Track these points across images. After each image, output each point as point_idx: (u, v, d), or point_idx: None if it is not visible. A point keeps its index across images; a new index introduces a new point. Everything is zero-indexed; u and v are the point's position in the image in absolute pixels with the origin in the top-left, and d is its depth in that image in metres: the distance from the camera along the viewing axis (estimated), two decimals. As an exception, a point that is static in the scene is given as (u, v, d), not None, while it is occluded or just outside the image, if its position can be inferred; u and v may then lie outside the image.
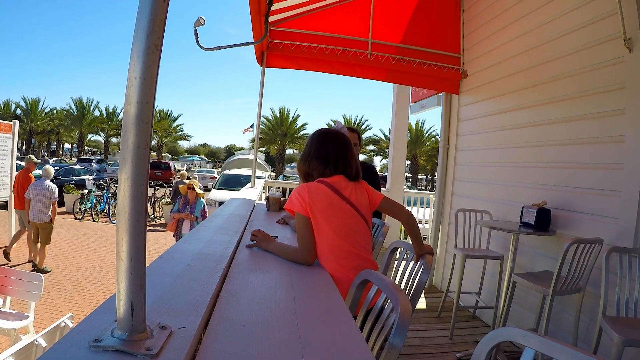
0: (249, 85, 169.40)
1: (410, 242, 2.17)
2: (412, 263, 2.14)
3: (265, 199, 3.91)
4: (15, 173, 8.97)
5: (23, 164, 8.65)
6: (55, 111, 57.23)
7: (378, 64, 5.25)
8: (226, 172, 20.31)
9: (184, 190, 7.17)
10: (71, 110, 55.51)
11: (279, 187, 8.46)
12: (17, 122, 9.28)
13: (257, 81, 5.27)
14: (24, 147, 54.67)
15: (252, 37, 4.39)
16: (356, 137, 3.49)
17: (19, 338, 4.10)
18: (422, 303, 5.03)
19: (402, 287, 1.81)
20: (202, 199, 7.24)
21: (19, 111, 54.07)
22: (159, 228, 13.25)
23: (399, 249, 2.38)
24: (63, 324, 3.44)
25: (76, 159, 40.26)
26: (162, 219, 14.75)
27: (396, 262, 2.34)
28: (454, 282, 4.42)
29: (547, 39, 3.93)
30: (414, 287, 2.01)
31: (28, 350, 2.91)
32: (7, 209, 9.17)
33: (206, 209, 7.27)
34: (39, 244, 7.67)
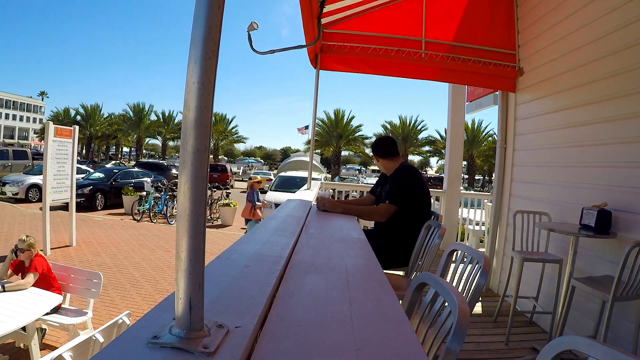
0: (304, 85, 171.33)
1: (468, 245, 2.13)
2: (469, 266, 2.09)
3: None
4: (75, 176, 9.59)
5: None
6: (113, 116, 60.04)
7: (432, 63, 5.16)
8: (282, 174, 20.49)
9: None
10: (128, 115, 57.95)
11: (327, 189, 8.54)
12: (77, 127, 9.63)
13: (312, 81, 5.32)
14: (84, 151, 57.41)
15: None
16: None
17: (77, 333, 4.28)
18: (478, 307, 4.91)
19: (459, 290, 1.77)
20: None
21: (78, 117, 57.01)
22: (215, 229, 13.55)
23: (456, 252, 2.32)
24: (120, 320, 3.54)
25: (134, 162, 41.78)
26: (218, 220, 15.13)
27: (453, 264, 2.29)
28: (511, 286, 4.29)
29: (606, 32, 3.72)
30: (471, 291, 1.97)
31: (86, 345, 3.02)
32: (67, 210, 9.64)
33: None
34: None
